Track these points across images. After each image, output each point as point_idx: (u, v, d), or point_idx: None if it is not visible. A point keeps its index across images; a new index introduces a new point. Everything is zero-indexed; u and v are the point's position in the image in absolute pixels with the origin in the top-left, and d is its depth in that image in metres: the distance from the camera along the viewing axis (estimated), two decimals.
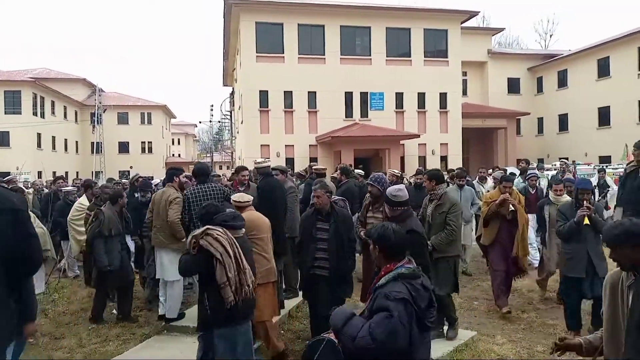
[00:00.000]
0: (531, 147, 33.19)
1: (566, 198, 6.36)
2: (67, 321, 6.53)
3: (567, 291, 5.48)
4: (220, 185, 6.49)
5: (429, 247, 4.91)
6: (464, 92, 31.26)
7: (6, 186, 7.45)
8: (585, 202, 5.26)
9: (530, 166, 11.82)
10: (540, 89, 34.71)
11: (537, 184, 9.18)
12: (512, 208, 6.16)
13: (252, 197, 5.33)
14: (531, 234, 8.16)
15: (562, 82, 32.94)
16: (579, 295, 5.35)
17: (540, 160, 28.62)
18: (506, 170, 12.05)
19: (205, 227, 3.60)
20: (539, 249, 8.11)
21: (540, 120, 34.45)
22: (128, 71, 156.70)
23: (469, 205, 8.61)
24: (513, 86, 34.46)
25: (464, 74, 31.20)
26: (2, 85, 35.96)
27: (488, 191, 8.80)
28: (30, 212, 5.75)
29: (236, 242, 3.63)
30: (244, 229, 3.90)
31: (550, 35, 78.20)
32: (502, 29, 36.74)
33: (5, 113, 35.76)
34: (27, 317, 2.71)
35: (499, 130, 30.68)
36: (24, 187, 10.46)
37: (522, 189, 8.74)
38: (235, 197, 5.25)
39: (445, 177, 10.40)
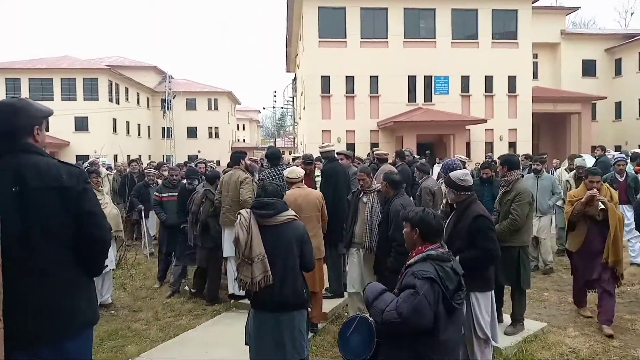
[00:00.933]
0: (607, 133, 31.25)
1: None
2: (143, 295, 6.95)
3: None
4: None
5: None
6: (535, 76, 29.82)
7: (60, 159, 7.82)
8: None
9: (607, 153, 11.02)
10: (618, 72, 32.49)
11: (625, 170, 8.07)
12: (602, 206, 5.12)
13: (304, 172, 5.53)
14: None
15: None
16: None
17: (618, 148, 26.93)
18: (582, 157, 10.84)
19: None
20: None
21: (618, 105, 32.31)
22: (195, 58, 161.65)
23: (548, 195, 7.78)
24: (588, 69, 32.47)
25: (535, 56, 29.74)
26: (81, 73, 38.17)
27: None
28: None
29: (253, 231, 3.43)
30: (286, 216, 3.57)
31: (632, 14, 73.06)
32: (576, 8, 34.47)
33: (85, 99, 38.01)
34: None
35: (572, 115, 29.08)
36: (105, 170, 11.05)
37: (608, 178, 7.83)
38: (286, 172, 5.39)
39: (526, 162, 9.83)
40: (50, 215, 2.27)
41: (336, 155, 7.14)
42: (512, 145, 26.08)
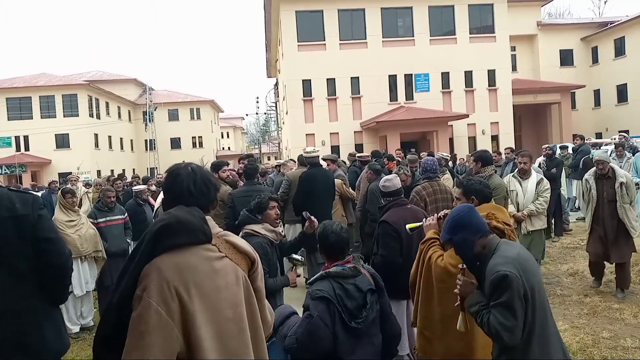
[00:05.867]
0: (588, 121, 31.63)
1: None
2: None
3: None
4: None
5: None
6: (514, 68, 30.09)
7: (15, 188, 7.64)
8: None
9: (587, 141, 10.89)
10: (595, 60, 32.88)
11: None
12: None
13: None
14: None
15: (620, 50, 31.05)
16: None
17: (599, 135, 27.26)
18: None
19: None
20: None
21: (597, 93, 32.67)
22: (176, 68, 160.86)
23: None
24: (566, 58, 32.83)
25: (513, 48, 29.97)
26: (60, 89, 37.67)
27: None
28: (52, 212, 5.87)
29: None
30: None
31: (605, 2, 74.02)
32: None
33: (64, 116, 37.51)
34: None
35: (552, 105, 29.34)
36: (84, 188, 10.82)
37: None
38: None
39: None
40: (5, 245, 2.18)
41: (321, 161, 7.12)
42: (494, 138, 26.22)
